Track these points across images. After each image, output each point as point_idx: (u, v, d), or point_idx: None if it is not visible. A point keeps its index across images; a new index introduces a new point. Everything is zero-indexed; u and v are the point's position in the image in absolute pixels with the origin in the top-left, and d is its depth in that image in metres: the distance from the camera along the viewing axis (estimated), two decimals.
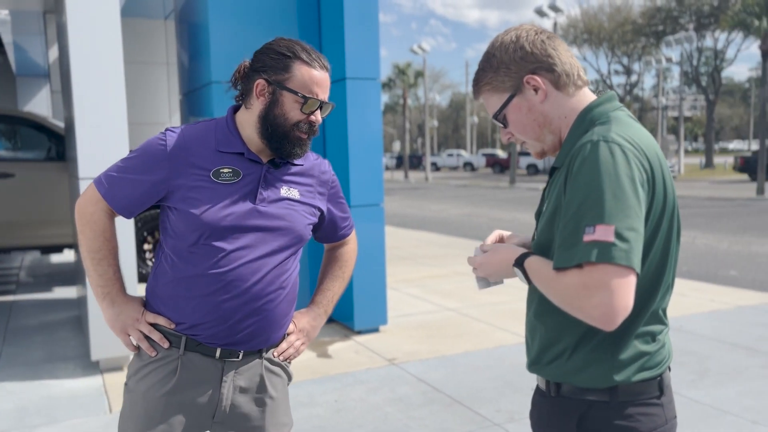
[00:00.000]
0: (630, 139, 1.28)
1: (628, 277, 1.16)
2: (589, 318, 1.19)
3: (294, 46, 1.62)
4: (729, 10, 33.14)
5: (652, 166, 1.28)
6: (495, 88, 1.44)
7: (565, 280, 1.21)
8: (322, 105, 1.64)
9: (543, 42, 1.40)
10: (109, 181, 1.65)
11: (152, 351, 1.65)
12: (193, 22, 5.47)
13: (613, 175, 1.21)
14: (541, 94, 1.39)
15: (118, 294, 1.68)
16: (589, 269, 1.17)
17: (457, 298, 6.48)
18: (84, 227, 1.66)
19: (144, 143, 1.66)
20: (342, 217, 1.87)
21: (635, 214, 1.20)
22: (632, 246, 1.17)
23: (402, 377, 4.24)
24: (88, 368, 4.44)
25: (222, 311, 1.61)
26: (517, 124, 1.44)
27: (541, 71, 1.39)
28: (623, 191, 1.20)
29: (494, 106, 1.46)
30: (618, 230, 1.17)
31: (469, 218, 16.13)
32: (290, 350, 1.78)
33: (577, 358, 1.35)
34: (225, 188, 1.61)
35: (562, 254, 1.22)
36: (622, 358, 1.32)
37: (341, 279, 1.92)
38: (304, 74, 1.60)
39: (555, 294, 1.25)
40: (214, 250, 1.59)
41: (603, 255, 1.16)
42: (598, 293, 1.15)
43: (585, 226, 1.19)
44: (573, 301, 1.20)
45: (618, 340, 1.32)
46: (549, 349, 1.40)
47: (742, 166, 28.94)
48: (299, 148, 1.65)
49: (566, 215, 1.24)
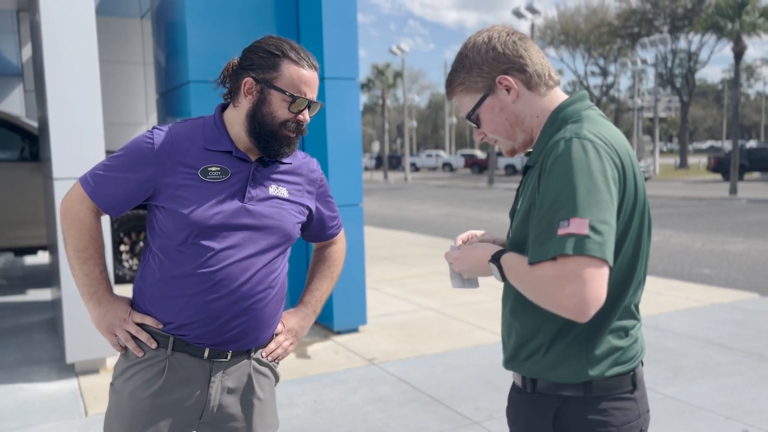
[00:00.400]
0: (602, 136, 1.30)
1: (601, 268, 1.18)
2: (562, 309, 1.19)
3: (283, 45, 1.62)
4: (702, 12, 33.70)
5: (623, 163, 1.30)
6: (468, 89, 1.45)
7: (538, 273, 1.22)
8: (311, 104, 1.64)
9: (515, 43, 1.42)
10: (95, 179, 1.63)
11: (139, 351, 1.63)
12: (170, 21, 5.42)
13: (586, 170, 1.23)
14: (513, 94, 1.41)
15: (105, 294, 1.66)
16: (563, 261, 1.18)
17: (437, 298, 6.50)
18: (69, 226, 1.64)
19: (131, 141, 1.64)
20: (330, 216, 1.87)
21: (608, 208, 1.22)
22: (605, 239, 1.19)
23: (382, 377, 4.24)
24: (63, 371, 4.37)
25: (211, 311, 1.59)
26: (489, 123, 1.46)
27: (513, 71, 1.41)
28: (596, 186, 1.22)
29: (467, 106, 1.48)
30: (592, 223, 1.19)
31: (449, 218, 16.19)
32: (279, 350, 1.77)
33: (552, 354, 1.36)
34: (213, 187, 1.60)
35: (537, 248, 1.24)
36: (597, 353, 1.34)
37: (330, 278, 1.92)
38: (293, 73, 1.60)
39: (529, 288, 1.27)
40: (203, 249, 1.58)
41: (578, 247, 1.17)
42: (571, 284, 1.17)
43: (559, 220, 1.21)
44: (547, 292, 1.21)
45: (592, 335, 1.34)
46: (525, 346, 1.41)
47: (716, 166, 29.45)
48: (287, 146, 1.64)
49: (540, 210, 1.26)
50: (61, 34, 4.07)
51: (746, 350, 4.69)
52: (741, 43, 20.73)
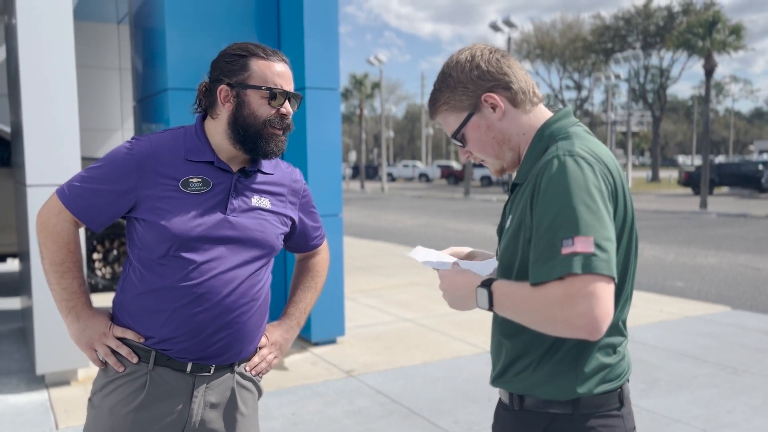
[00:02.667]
0: (593, 153, 1.30)
1: (609, 285, 1.18)
2: (573, 328, 1.17)
3: (247, 45, 1.60)
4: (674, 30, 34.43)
5: (614, 179, 1.31)
6: (453, 108, 1.44)
7: (544, 294, 1.20)
8: (290, 96, 1.62)
9: (498, 60, 1.42)
10: (72, 191, 1.59)
11: (120, 366, 1.59)
12: (148, 27, 5.36)
13: (584, 187, 1.22)
14: (499, 112, 1.41)
15: (84, 308, 1.61)
16: (571, 280, 1.17)
17: (414, 309, 6.49)
18: (46, 239, 1.59)
19: (110, 152, 1.61)
20: (314, 226, 1.85)
21: (609, 225, 1.22)
22: (610, 256, 1.19)
23: (360, 389, 4.21)
24: (33, 383, 4.26)
25: (194, 324, 1.56)
26: (476, 142, 1.45)
27: (498, 89, 1.40)
28: (595, 202, 1.22)
29: (452, 125, 1.46)
30: (597, 241, 1.18)
31: (425, 229, 16.23)
32: (262, 364, 1.74)
33: (541, 371, 1.36)
34: (194, 198, 1.57)
35: (539, 269, 1.22)
36: (585, 370, 1.33)
37: (313, 290, 1.89)
38: (263, 68, 1.58)
39: (532, 311, 1.23)
40: (185, 261, 1.55)
41: (586, 266, 1.16)
42: (582, 302, 1.15)
43: (561, 239, 1.19)
44: (555, 313, 1.18)
45: (581, 352, 1.34)
46: (515, 364, 1.40)
47: (686, 180, 30.00)
48: (275, 145, 1.61)
49: (539, 230, 1.25)
50: (37, 37, 4.00)
51: (720, 363, 4.76)
52: (712, 61, 21.22)
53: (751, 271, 9.45)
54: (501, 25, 28.58)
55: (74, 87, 4.12)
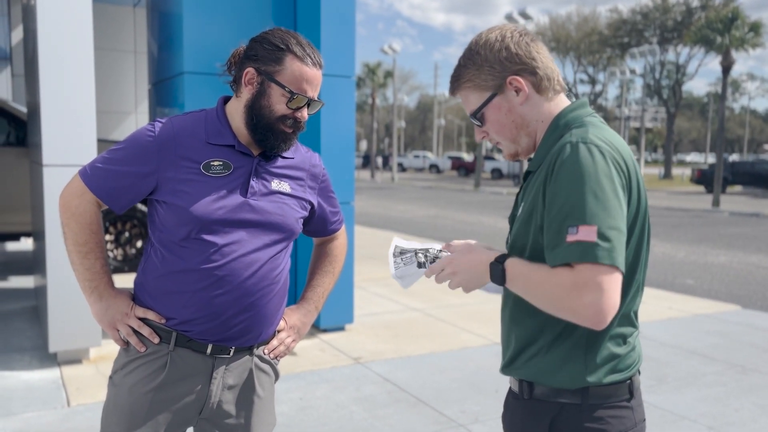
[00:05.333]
0: (607, 141, 1.30)
1: (614, 275, 1.19)
2: (579, 317, 1.20)
3: (289, 39, 1.60)
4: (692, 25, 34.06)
5: (628, 168, 1.31)
6: (476, 86, 1.44)
7: (555, 280, 1.22)
8: (310, 102, 1.62)
9: (527, 44, 1.41)
10: (95, 172, 1.61)
11: (141, 346, 1.61)
12: (166, 11, 5.36)
13: (593, 175, 1.23)
14: (522, 96, 1.40)
15: (106, 288, 1.64)
16: (578, 269, 1.19)
17: (423, 299, 6.51)
18: (69, 220, 1.61)
19: (132, 134, 1.62)
20: (332, 211, 1.87)
21: (616, 213, 1.22)
22: (614, 245, 1.19)
23: (367, 376, 4.24)
24: (45, 360, 4.32)
25: (215, 307, 1.58)
26: (494, 123, 1.45)
27: (524, 73, 1.40)
28: (603, 191, 1.22)
29: (473, 103, 1.46)
30: (601, 230, 1.19)
31: (435, 220, 16.22)
32: (281, 347, 1.76)
33: (552, 356, 1.36)
34: (215, 181, 1.58)
35: (548, 255, 1.25)
36: (596, 359, 1.34)
37: (331, 274, 1.91)
38: (295, 69, 1.58)
39: (542, 294, 1.26)
40: (206, 244, 1.56)
41: (585, 255, 1.18)
42: (589, 293, 1.17)
43: (567, 226, 1.21)
44: (563, 301, 1.21)
45: (592, 341, 1.34)
46: (525, 351, 1.41)
47: (699, 178, 29.77)
48: (284, 142, 1.63)
49: (549, 216, 1.26)
50: (56, 19, 4.02)
51: (729, 362, 4.75)
52: (729, 57, 20.98)
53: (762, 270, 9.39)
54: (517, 17, 28.39)
55: (92, 68, 4.14)
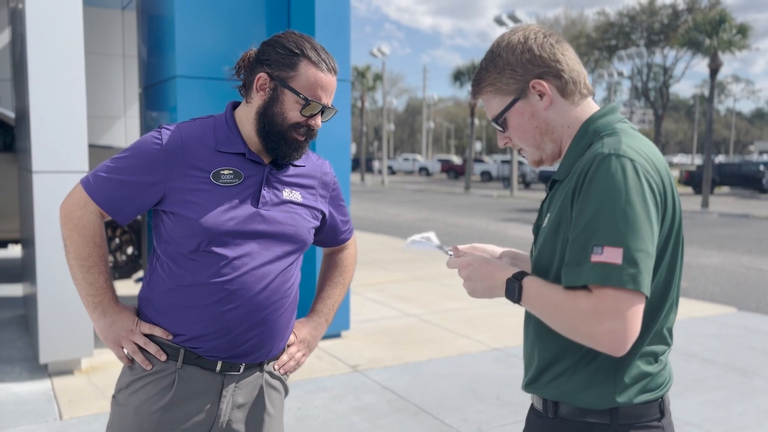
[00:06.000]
0: (642, 152, 1.24)
1: (637, 302, 1.14)
2: (597, 344, 1.16)
3: (304, 43, 1.54)
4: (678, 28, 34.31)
5: (663, 182, 1.24)
6: (498, 90, 1.38)
7: (574, 304, 1.17)
8: (324, 109, 1.56)
9: (552, 46, 1.35)
10: (98, 181, 1.53)
11: (148, 364, 1.54)
12: (157, 13, 5.28)
13: (624, 192, 1.16)
14: (546, 101, 1.34)
15: (110, 303, 1.56)
16: (599, 294, 1.14)
17: (418, 304, 6.45)
18: (71, 232, 1.53)
19: (137, 141, 1.56)
20: (343, 220, 1.81)
21: (646, 235, 1.16)
22: (641, 269, 1.14)
23: (366, 384, 4.17)
24: (36, 372, 4.21)
25: (225, 322, 1.51)
26: (517, 129, 1.38)
27: (548, 76, 1.34)
28: (634, 210, 1.16)
29: (495, 108, 1.40)
30: (627, 252, 1.13)
31: (426, 223, 16.17)
32: (291, 363, 1.70)
33: (578, 378, 1.30)
34: (226, 191, 1.51)
35: (569, 272, 1.19)
36: (625, 379, 1.28)
37: (342, 285, 1.85)
38: (310, 75, 1.52)
39: (559, 317, 1.21)
40: (216, 257, 1.50)
41: (610, 278, 1.12)
42: (609, 320, 1.13)
43: (593, 245, 1.15)
44: (581, 326, 1.16)
45: (621, 360, 1.28)
46: (549, 369, 1.35)
47: (687, 179, 29.98)
48: (296, 150, 1.57)
49: (575, 231, 1.20)
50: (46, 22, 3.93)
51: (729, 365, 4.72)
52: (717, 60, 21.12)
53: (755, 272, 9.42)
54: (506, 20, 28.48)
55: (82, 72, 4.06)
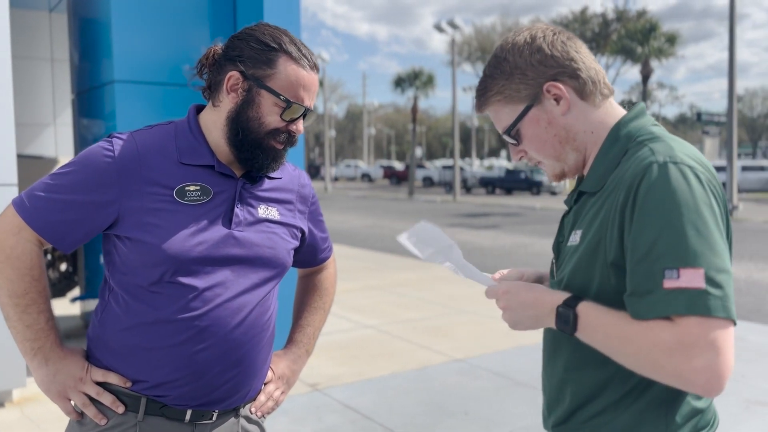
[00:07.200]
0: (698, 160, 1.09)
1: (729, 330, 0.97)
2: (688, 384, 0.98)
3: (281, 37, 1.33)
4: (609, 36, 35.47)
5: (721, 192, 1.09)
6: (507, 99, 1.21)
7: (649, 336, 0.99)
8: (306, 112, 1.36)
9: (563, 43, 1.19)
10: (35, 203, 1.27)
11: (102, 419, 1.29)
12: (91, 16, 4.94)
13: (692, 205, 1.01)
14: (564, 105, 1.18)
15: (53, 348, 1.30)
16: (684, 324, 0.96)
17: (374, 315, 6.27)
18: (3, 265, 1.27)
19: (82, 153, 1.30)
20: (322, 237, 1.61)
21: (723, 252, 1.00)
22: (726, 292, 0.98)
23: (328, 404, 3.96)
24: None
25: (196, 365, 1.28)
26: (534, 140, 1.22)
27: (564, 77, 1.18)
28: (706, 224, 1.00)
29: (505, 120, 1.23)
30: (708, 273, 0.97)
31: (373, 229, 16.03)
32: (269, 403, 1.48)
33: (624, 418, 1.14)
34: (192, 210, 1.29)
35: (637, 303, 1.02)
36: (676, 417, 1.13)
37: (322, 311, 1.66)
38: (291, 73, 1.31)
39: (632, 352, 1.03)
40: (183, 288, 1.27)
41: (695, 306, 0.96)
42: (701, 354, 0.95)
43: (664, 269, 0.99)
44: (664, 364, 0.98)
45: (673, 396, 1.12)
46: (586, 407, 1.18)
47: None
48: (274, 161, 1.36)
49: (635, 255, 1.03)
50: None
51: None
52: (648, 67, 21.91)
53: None
54: (445, 27, 28.74)
55: (9, 77, 3.71)
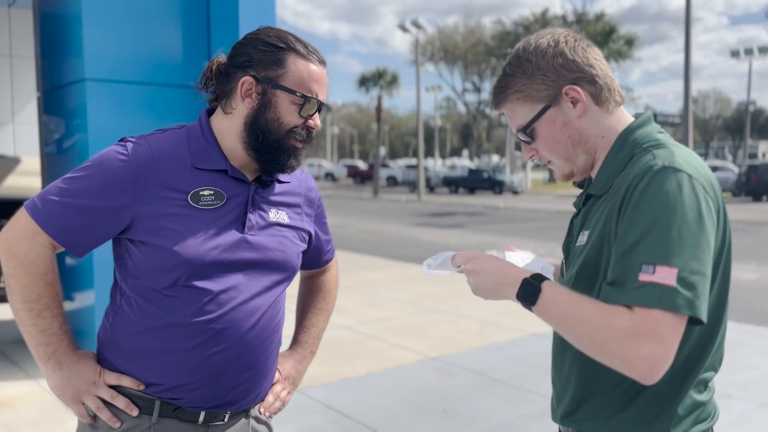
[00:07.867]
0: (697, 167, 1.15)
1: (680, 328, 1.04)
2: (629, 368, 1.04)
3: (287, 36, 1.35)
4: None
5: (718, 199, 1.16)
6: (526, 98, 1.26)
7: (609, 320, 1.05)
8: (321, 107, 1.37)
9: (584, 50, 1.25)
10: (49, 207, 1.26)
11: (116, 422, 1.29)
12: (59, 12, 4.82)
13: (680, 208, 1.07)
14: (580, 108, 1.24)
15: (67, 352, 1.29)
16: (642, 314, 1.02)
17: (348, 314, 6.28)
18: (16, 270, 1.25)
19: (97, 157, 1.29)
20: (326, 239, 1.62)
21: (703, 256, 1.06)
22: (698, 293, 1.04)
23: (308, 405, 3.95)
24: None
25: (212, 368, 1.29)
26: (548, 139, 1.27)
27: (582, 82, 1.23)
28: (689, 228, 1.06)
29: (522, 117, 1.28)
30: (682, 274, 1.03)
31: (339, 229, 16.03)
32: (276, 404, 1.50)
33: (629, 412, 1.19)
34: (206, 215, 1.29)
35: (609, 291, 1.08)
36: (679, 410, 1.19)
37: (326, 312, 1.66)
38: (302, 69, 1.33)
39: (585, 331, 1.08)
40: (198, 292, 1.27)
41: (662, 301, 1.02)
42: (649, 343, 1.01)
43: (642, 263, 1.05)
44: (614, 346, 1.04)
45: (676, 390, 1.18)
46: (590, 400, 1.23)
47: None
48: (295, 159, 1.37)
49: (620, 248, 1.09)
50: None
51: None
52: None
53: None
54: (409, 26, 28.87)
55: None
